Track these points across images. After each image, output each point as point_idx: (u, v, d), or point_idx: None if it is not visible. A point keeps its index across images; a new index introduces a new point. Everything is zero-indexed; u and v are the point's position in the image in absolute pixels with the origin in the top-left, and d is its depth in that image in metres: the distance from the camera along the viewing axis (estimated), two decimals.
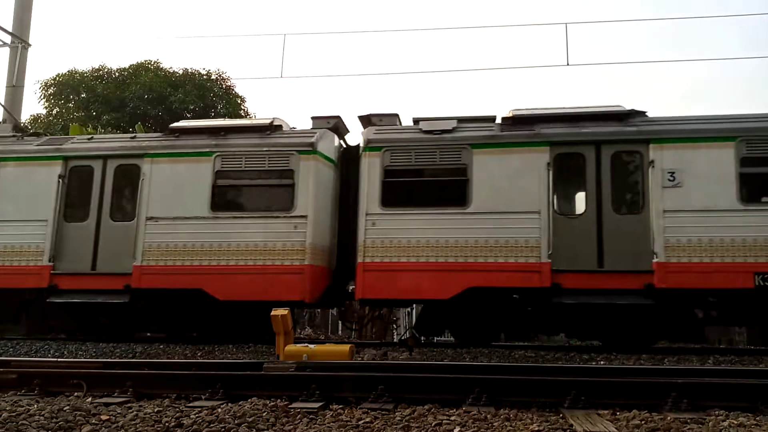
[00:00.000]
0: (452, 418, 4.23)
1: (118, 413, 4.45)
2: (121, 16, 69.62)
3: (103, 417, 4.34)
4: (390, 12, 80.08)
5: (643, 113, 9.82)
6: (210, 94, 22.78)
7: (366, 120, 10.55)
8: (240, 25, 76.41)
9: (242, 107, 23.69)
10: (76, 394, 5.22)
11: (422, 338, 9.88)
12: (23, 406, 4.63)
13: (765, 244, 8.73)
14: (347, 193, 10.40)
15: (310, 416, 4.34)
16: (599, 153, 9.45)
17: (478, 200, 9.43)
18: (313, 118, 10.89)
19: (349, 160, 10.58)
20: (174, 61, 38.57)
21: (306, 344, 7.15)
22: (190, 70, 23.21)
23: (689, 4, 74.76)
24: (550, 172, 9.38)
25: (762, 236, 8.76)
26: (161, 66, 23.33)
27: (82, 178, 10.67)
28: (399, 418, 4.23)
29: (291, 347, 6.85)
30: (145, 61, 23.47)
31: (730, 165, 9.04)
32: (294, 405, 4.64)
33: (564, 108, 10.04)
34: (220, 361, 7.29)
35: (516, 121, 9.91)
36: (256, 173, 10.14)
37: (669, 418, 4.19)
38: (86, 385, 5.32)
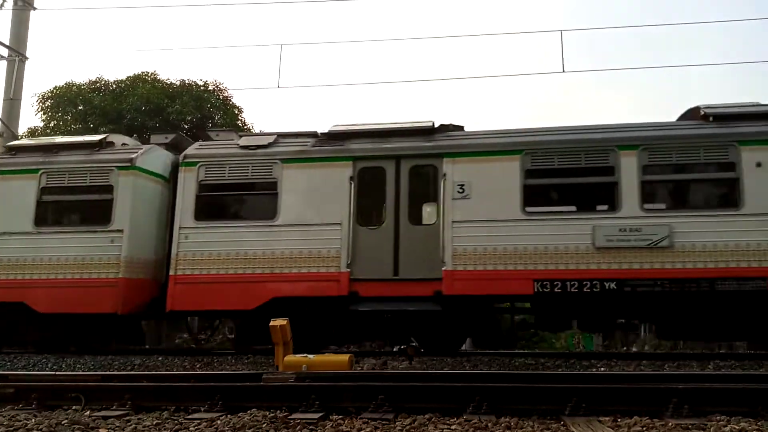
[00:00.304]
0: (453, 427, 4.22)
1: (117, 426, 4.42)
2: (118, 28, 69.85)
3: (102, 430, 4.32)
4: (387, 21, 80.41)
5: (458, 128, 10.29)
6: (207, 104, 22.77)
7: (206, 136, 11.05)
8: (237, 35, 76.68)
9: (239, 117, 23.69)
10: (74, 407, 5.18)
11: (419, 347, 9.86)
12: (21, 421, 4.61)
13: (544, 251, 9.10)
14: None
15: (310, 427, 4.32)
16: (398, 167, 9.87)
17: (286, 213, 9.80)
18: (152, 135, 11.48)
19: None
20: (171, 73, 38.81)
21: (305, 354, 7.13)
22: (187, 81, 23.18)
23: (688, 8, 75.26)
24: (353, 186, 9.78)
25: (541, 244, 9.12)
26: (158, 77, 23.32)
27: None
28: (399, 428, 4.22)
29: (290, 357, 6.82)
30: (142, 72, 23.43)
31: (516, 177, 9.41)
32: (294, 416, 4.62)
33: (376, 124, 10.51)
34: (219, 372, 7.27)
35: (330, 136, 10.33)
36: (78, 189, 10.51)
37: (670, 424, 4.19)
38: (84, 398, 5.28)
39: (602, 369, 7.66)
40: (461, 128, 10.34)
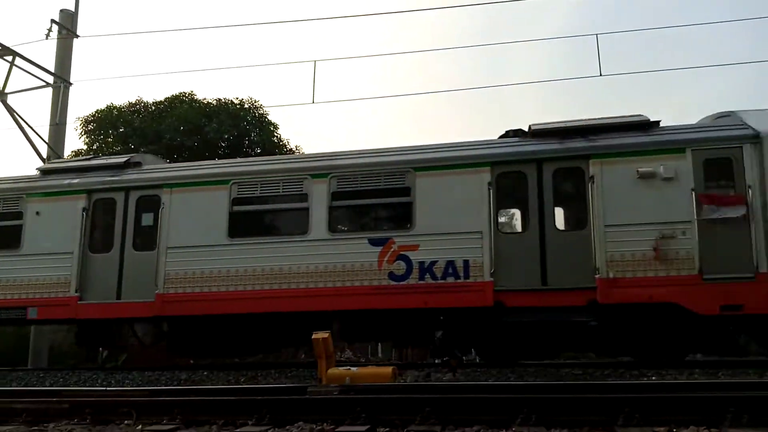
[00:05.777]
0: None
1: None
2: (156, 51, 71.90)
3: None
4: (420, 31, 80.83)
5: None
6: (243, 122, 23.19)
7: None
8: (272, 53, 78.05)
9: (275, 134, 24.05)
10: (126, 422, 5.29)
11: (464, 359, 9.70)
12: None
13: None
14: None
15: None
16: None
17: None
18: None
19: None
20: (208, 92, 39.50)
21: (348, 367, 7.13)
22: (223, 100, 23.69)
23: (719, 7, 73.56)
24: None
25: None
26: (195, 97, 23.87)
27: None
28: None
29: (333, 370, 6.84)
30: (180, 93, 24.03)
31: None
32: (340, 429, 4.62)
33: None
34: (265, 386, 7.31)
35: None
36: None
37: None
38: (136, 412, 5.39)
39: (653, 378, 7.44)
40: None
